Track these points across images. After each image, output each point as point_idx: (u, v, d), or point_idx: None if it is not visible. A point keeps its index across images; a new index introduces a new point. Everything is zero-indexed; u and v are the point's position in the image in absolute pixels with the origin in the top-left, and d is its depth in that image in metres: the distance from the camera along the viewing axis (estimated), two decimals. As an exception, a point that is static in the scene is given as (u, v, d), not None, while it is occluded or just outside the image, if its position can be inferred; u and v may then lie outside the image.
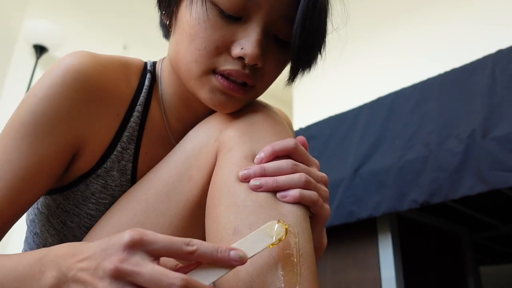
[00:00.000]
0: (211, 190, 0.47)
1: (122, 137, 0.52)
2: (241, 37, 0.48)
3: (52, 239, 0.55)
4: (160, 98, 0.56)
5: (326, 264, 1.34)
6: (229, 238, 0.41)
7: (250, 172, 0.45)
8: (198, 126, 0.54)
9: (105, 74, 0.49)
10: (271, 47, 0.50)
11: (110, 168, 0.52)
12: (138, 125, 0.53)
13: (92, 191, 0.52)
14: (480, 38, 1.98)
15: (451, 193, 1.01)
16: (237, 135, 0.50)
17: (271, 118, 0.54)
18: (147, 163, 0.54)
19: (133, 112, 0.53)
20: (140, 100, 0.54)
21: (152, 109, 0.55)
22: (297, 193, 0.45)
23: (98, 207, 0.52)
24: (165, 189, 0.49)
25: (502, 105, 0.98)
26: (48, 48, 2.41)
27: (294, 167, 0.47)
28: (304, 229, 0.43)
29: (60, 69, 0.46)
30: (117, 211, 0.50)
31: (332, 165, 1.31)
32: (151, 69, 0.57)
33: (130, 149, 0.53)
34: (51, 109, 0.46)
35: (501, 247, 1.91)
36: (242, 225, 0.42)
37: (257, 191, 0.44)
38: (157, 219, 0.47)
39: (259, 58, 0.48)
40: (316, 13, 0.48)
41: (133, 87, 0.54)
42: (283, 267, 0.39)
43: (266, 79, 0.53)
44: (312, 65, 0.55)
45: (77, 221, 0.52)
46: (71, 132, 0.47)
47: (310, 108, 2.75)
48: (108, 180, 0.52)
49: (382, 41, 2.51)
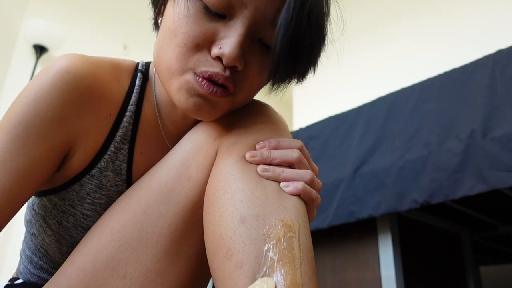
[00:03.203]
0: (213, 182, 0.47)
1: (115, 137, 0.52)
2: (223, 37, 0.45)
3: (49, 239, 0.55)
4: (153, 98, 0.56)
5: (326, 264, 1.34)
6: (235, 227, 0.41)
7: (257, 153, 0.47)
8: (197, 126, 0.53)
9: (96, 75, 0.49)
10: (255, 51, 0.48)
11: (105, 168, 0.52)
12: (131, 124, 0.53)
13: (87, 191, 0.51)
14: (480, 38, 1.98)
15: (451, 193, 1.01)
16: (240, 132, 0.50)
17: (273, 117, 0.54)
18: (142, 163, 0.54)
19: (125, 112, 0.53)
20: (132, 100, 0.53)
21: (145, 109, 0.55)
22: (300, 185, 0.45)
23: (93, 207, 0.52)
24: (164, 190, 0.48)
25: (502, 105, 0.98)
26: (48, 48, 2.41)
27: (299, 158, 0.48)
28: (305, 224, 0.44)
29: (51, 71, 0.47)
30: (116, 212, 0.50)
31: (332, 165, 1.31)
32: (142, 69, 0.57)
33: (124, 149, 0.53)
34: (41, 109, 0.46)
35: (501, 247, 1.91)
36: (249, 215, 0.42)
37: (263, 175, 0.45)
38: (157, 220, 0.47)
39: (238, 60, 0.45)
40: (304, 15, 0.44)
41: (124, 88, 0.54)
42: (285, 261, 0.39)
43: (248, 85, 0.49)
44: (301, 76, 0.52)
45: (73, 221, 0.52)
46: (62, 132, 0.47)
47: (310, 108, 2.75)
48: (102, 180, 0.52)
49: (382, 41, 2.51)
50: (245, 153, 0.47)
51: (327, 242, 1.35)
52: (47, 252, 0.57)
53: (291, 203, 0.44)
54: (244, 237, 0.40)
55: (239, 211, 0.42)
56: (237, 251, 0.40)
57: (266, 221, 0.41)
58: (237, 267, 0.39)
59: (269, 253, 0.39)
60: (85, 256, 0.47)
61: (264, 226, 0.41)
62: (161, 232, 0.46)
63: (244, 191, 0.44)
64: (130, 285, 0.45)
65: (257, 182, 0.45)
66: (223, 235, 0.42)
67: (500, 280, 2.34)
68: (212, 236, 0.43)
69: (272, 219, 0.41)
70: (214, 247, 0.43)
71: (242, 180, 0.45)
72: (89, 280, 0.45)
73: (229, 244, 0.41)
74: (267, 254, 0.39)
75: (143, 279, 0.45)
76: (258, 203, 0.42)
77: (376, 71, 2.45)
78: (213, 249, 0.43)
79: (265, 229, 0.41)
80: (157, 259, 0.46)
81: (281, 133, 0.52)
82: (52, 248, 0.55)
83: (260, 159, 0.47)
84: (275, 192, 0.44)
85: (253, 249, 0.40)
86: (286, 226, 0.41)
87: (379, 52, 2.49)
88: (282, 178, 0.46)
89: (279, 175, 0.46)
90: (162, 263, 0.46)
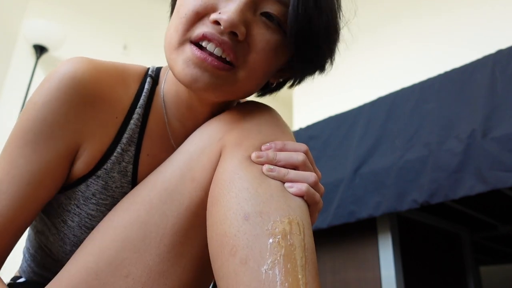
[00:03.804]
0: (218, 181, 0.47)
1: (122, 139, 0.52)
2: (224, 6, 0.46)
3: (53, 237, 0.55)
4: (161, 100, 0.56)
5: (326, 264, 1.34)
6: (239, 224, 0.41)
7: (263, 154, 0.47)
8: (201, 128, 0.54)
9: (101, 79, 0.50)
10: (259, 24, 0.48)
11: (111, 169, 0.52)
12: (139, 127, 0.54)
13: (93, 192, 0.52)
14: (480, 38, 1.98)
15: (451, 193, 1.01)
16: (244, 133, 0.50)
17: (277, 119, 0.54)
18: (148, 165, 0.55)
19: (133, 115, 0.53)
20: (140, 103, 0.54)
21: (153, 112, 0.55)
22: (304, 187, 0.46)
23: (98, 207, 0.52)
24: (168, 190, 0.49)
25: (502, 105, 0.98)
26: (48, 48, 2.41)
27: (304, 161, 0.48)
28: (309, 225, 0.44)
29: (57, 76, 0.48)
30: (120, 212, 0.50)
31: (332, 165, 1.31)
32: (152, 74, 0.57)
33: (131, 150, 0.53)
34: (49, 115, 0.47)
35: (501, 247, 1.91)
36: (253, 212, 0.42)
37: (268, 174, 0.46)
38: (160, 220, 0.47)
39: (237, 26, 0.45)
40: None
41: (133, 92, 0.54)
42: (290, 257, 0.39)
43: (251, 61, 0.48)
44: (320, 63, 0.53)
45: (78, 221, 0.53)
46: (69, 136, 0.49)
47: (310, 108, 2.75)
48: (108, 182, 0.52)
49: (382, 41, 2.51)
50: (250, 154, 0.47)
51: (327, 242, 1.35)
52: (51, 251, 0.57)
53: (295, 203, 0.44)
54: (248, 234, 0.40)
55: (243, 209, 0.42)
56: (241, 248, 0.40)
57: (270, 218, 0.41)
58: (242, 264, 0.39)
59: (274, 246, 0.39)
60: (88, 255, 0.47)
61: (268, 222, 0.41)
62: (164, 232, 0.47)
63: (249, 189, 0.44)
64: (133, 284, 0.45)
65: (261, 181, 0.45)
66: (227, 233, 0.42)
67: (500, 280, 2.34)
68: (216, 234, 0.43)
69: (277, 215, 0.42)
70: (218, 246, 0.43)
71: (247, 179, 0.45)
72: (92, 280, 0.45)
73: (233, 242, 0.41)
74: (272, 247, 0.39)
75: (146, 279, 0.45)
76: (262, 201, 0.43)
77: (376, 71, 2.45)
78: (217, 247, 0.43)
79: (269, 225, 0.41)
80: (160, 259, 0.46)
81: (285, 135, 0.52)
82: (56, 247, 0.55)
83: (266, 160, 0.47)
84: (280, 191, 0.45)
85: (257, 245, 0.39)
86: (292, 224, 0.41)
87: (379, 52, 2.49)
88: (287, 178, 0.46)
89: (284, 175, 0.46)
90: (165, 263, 0.46)
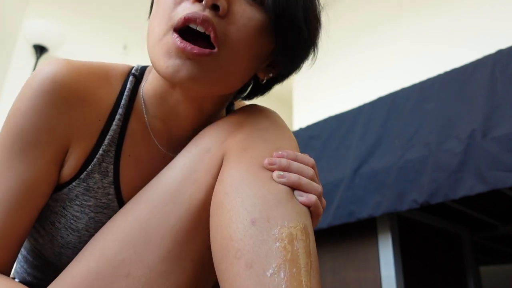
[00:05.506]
0: (224, 186, 0.46)
1: (104, 140, 0.52)
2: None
3: (42, 239, 0.55)
4: (141, 100, 0.55)
5: (326, 264, 1.34)
6: (245, 228, 0.41)
7: (276, 161, 0.47)
8: (204, 130, 0.53)
9: (80, 81, 0.49)
10: (241, 1, 0.48)
11: (91, 171, 0.52)
12: (120, 127, 0.53)
13: (76, 193, 0.52)
14: (480, 38, 1.98)
15: (451, 193, 1.01)
16: (248, 138, 0.49)
17: (279, 124, 0.54)
18: (130, 165, 0.54)
19: (115, 116, 0.53)
20: (122, 103, 0.53)
21: (135, 112, 0.55)
22: (313, 198, 0.46)
23: (82, 209, 0.52)
24: (169, 191, 0.49)
25: (502, 105, 0.98)
26: (48, 48, 2.41)
27: (313, 176, 0.48)
28: (312, 231, 0.44)
29: (38, 80, 0.48)
30: (123, 213, 0.50)
31: (332, 165, 1.31)
32: (136, 72, 0.57)
33: (111, 151, 0.53)
34: (34, 122, 0.47)
35: (501, 247, 1.91)
36: (261, 217, 0.41)
37: (279, 181, 0.45)
38: (162, 220, 0.47)
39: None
40: None
41: (115, 92, 0.54)
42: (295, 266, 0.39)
43: (232, 39, 0.47)
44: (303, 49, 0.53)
45: (64, 222, 0.53)
46: (56, 141, 0.49)
47: (310, 108, 2.75)
48: (89, 183, 0.52)
49: (382, 41, 2.51)
50: (256, 160, 0.47)
51: (327, 242, 1.35)
52: (41, 252, 0.57)
53: (302, 209, 0.45)
54: (254, 238, 0.40)
55: (250, 214, 0.42)
56: (247, 251, 0.40)
57: (277, 223, 0.41)
58: (247, 267, 0.39)
59: (280, 251, 0.39)
60: (90, 255, 0.48)
61: (275, 227, 0.41)
62: (165, 233, 0.47)
63: (257, 195, 0.43)
64: (133, 284, 0.45)
65: (270, 188, 0.45)
66: (232, 237, 0.41)
67: (500, 280, 2.34)
68: (221, 238, 0.43)
69: (285, 221, 0.41)
70: (222, 249, 0.42)
71: (255, 185, 0.44)
72: (93, 279, 0.45)
73: (239, 245, 0.41)
74: (278, 251, 0.39)
75: (146, 279, 0.45)
76: (269, 206, 0.42)
77: (376, 71, 2.45)
78: (221, 250, 0.43)
79: (276, 230, 0.40)
80: (160, 259, 0.46)
81: (288, 141, 0.52)
82: (46, 248, 0.56)
83: (278, 167, 0.47)
84: (288, 198, 0.44)
85: (263, 249, 0.39)
86: (299, 230, 0.41)
87: (379, 52, 2.49)
88: (297, 186, 0.46)
89: (293, 183, 0.46)
90: (165, 263, 0.46)
